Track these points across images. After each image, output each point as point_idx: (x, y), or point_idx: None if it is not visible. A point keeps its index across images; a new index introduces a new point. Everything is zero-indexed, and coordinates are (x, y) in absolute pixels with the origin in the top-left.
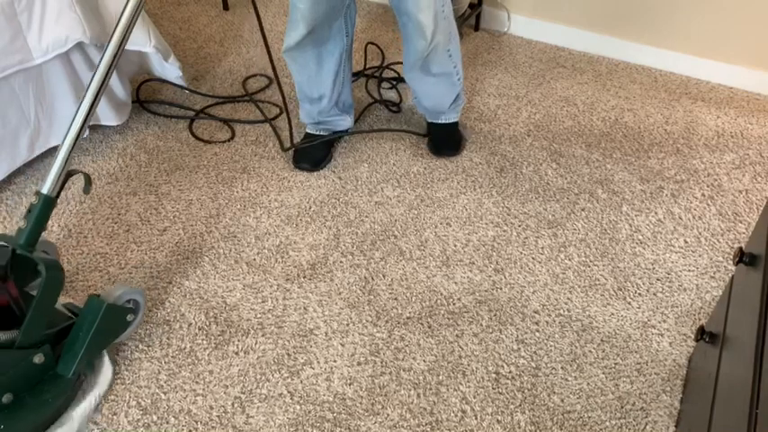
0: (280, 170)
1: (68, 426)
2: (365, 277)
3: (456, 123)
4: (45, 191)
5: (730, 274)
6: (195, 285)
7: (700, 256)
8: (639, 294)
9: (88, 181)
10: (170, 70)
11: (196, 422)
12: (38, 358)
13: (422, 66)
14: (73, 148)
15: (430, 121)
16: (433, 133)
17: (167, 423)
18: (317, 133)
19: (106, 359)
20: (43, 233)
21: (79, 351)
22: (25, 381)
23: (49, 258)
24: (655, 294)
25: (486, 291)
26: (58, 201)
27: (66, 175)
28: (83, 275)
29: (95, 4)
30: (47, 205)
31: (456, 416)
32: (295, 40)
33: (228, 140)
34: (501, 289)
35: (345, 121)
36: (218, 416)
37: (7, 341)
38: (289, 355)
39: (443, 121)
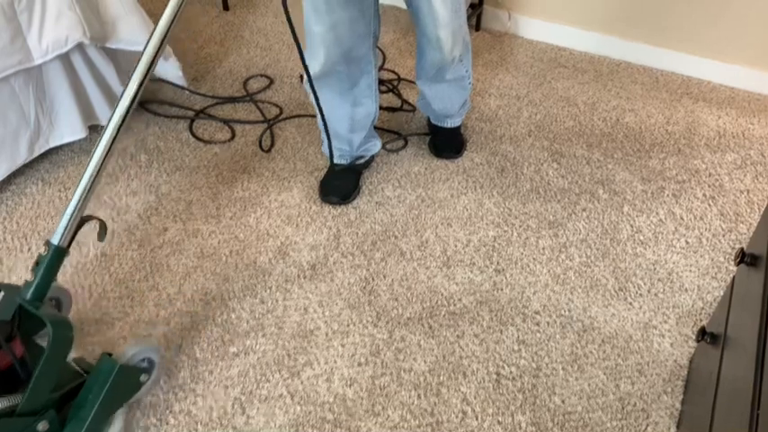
0: (280, 170)
1: None
2: (365, 278)
3: (459, 127)
4: (55, 241)
5: (732, 275)
6: (194, 285)
7: (701, 256)
8: (640, 295)
9: (104, 228)
10: (170, 70)
11: (196, 423)
12: (42, 426)
13: (435, 75)
14: (86, 195)
15: (433, 123)
16: (436, 135)
17: (167, 424)
18: (345, 163)
19: (119, 424)
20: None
21: (87, 416)
22: None
23: (57, 316)
24: (656, 295)
25: (486, 291)
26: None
27: (79, 223)
28: (82, 277)
29: (95, 5)
30: (57, 257)
31: (457, 417)
32: (316, 71)
33: (228, 141)
34: (502, 289)
35: (376, 146)
36: (217, 417)
37: (8, 409)
38: (289, 355)
39: (449, 125)
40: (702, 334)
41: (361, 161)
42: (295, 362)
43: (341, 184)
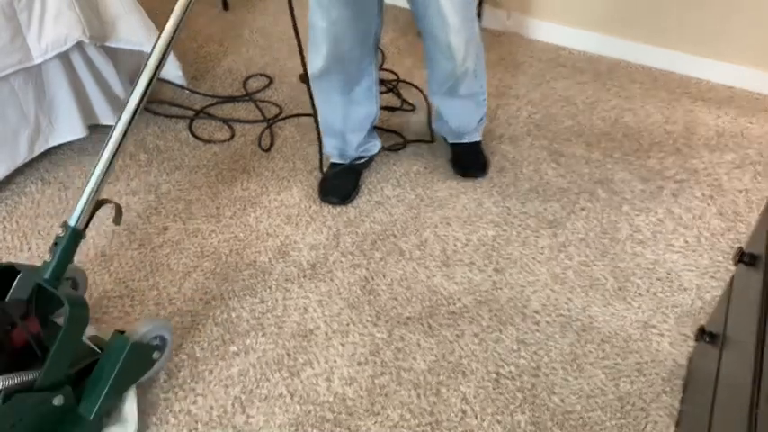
0: (279, 170)
1: None
2: (365, 277)
3: (479, 142)
4: (72, 222)
5: (730, 274)
6: (194, 285)
7: (700, 255)
8: (640, 294)
9: (119, 211)
10: (170, 70)
11: (196, 422)
12: (57, 400)
13: (449, 89)
14: (104, 177)
15: (452, 142)
16: (458, 154)
17: (167, 423)
18: (345, 163)
19: (130, 406)
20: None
21: (102, 392)
22: (45, 424)
23: (73, 295)
24: (655, 294)
25: (486, 291)
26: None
27: (96, 206)
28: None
29: (95, 4)
30: (74, 238)
31: (456, 416)
32: (318, 67)
33: (228, 140)
34: (501, 289)
35: (375, 146)
36: (218, 416)
37: (26, 383)
38: (289, 355)
39: (467, 141)
40: (701, 333)
41: (361, 161)
42: (295, 361)
43: (340, 185)
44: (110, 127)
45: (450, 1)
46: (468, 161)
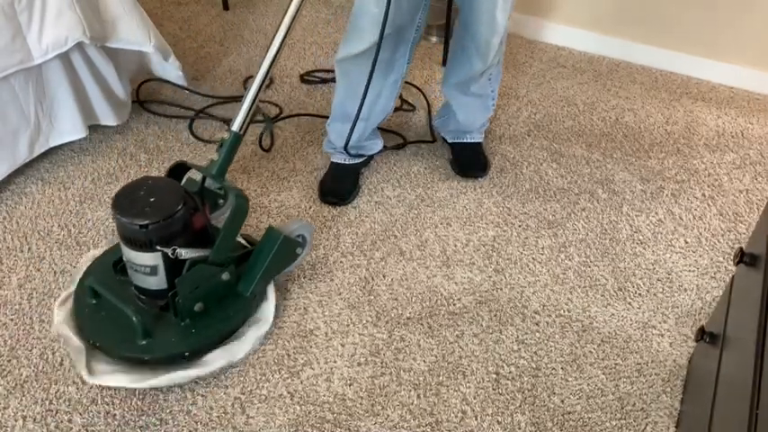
0: (279, 170)
1: (243, 343)
2: (365, 277)
3: (480, 143)
4: (235, 128)
5: (731, 275)
6: None
7: (700, 256)
8: (640, 295)
9: (270, 121)
10: (170, 70)
11: (196, 423)
12: (225, 275)
13: (462, 84)
14: (260, 90)
15: (452, 141)
16: (458, 154)
17: (167, 424)
18: (345, 163)
19: (270, 293)
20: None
21: (257, 274)
22: (214, 294)
23: (237, 188)
24: (655, 295)
25: (486, 291)
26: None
27: (253, 115)
28: None
29: (95, 4)
30: (235, 141)
31: (456, 417)
32: (357, 50)
33: None
34: (501, 289)
35: (377, 145)
36: (218, 416)
37: (203, 258)
38: (289, 355)
39: (469, 140)
40: (701, 334)
41: (361, 160)
42: (295, 362)
43: (340, 185)
44: (110, 127)
45: (504, 2)
46: (469, 161)
